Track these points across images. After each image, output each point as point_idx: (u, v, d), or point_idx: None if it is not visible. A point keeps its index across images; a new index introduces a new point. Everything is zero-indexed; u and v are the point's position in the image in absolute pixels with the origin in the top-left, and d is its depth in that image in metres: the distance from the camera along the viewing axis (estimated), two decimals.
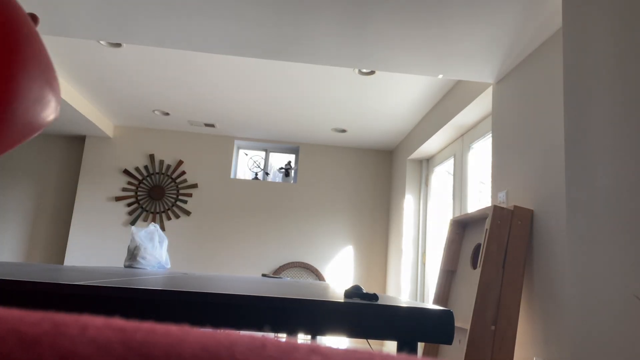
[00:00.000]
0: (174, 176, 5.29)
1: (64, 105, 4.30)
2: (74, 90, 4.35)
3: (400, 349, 0.77)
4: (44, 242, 5.34)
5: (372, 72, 3.54)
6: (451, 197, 3.93)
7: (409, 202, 4.74)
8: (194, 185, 5.28)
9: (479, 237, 2.62)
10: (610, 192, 1.38)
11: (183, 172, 5.29)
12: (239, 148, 5.62)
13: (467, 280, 2.62)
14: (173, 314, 0.73)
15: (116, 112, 4.90)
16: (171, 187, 5.27)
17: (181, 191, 5.28)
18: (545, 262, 2.22)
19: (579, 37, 1.62)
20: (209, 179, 5.32)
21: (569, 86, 1.64)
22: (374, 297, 0.85)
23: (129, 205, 5.18)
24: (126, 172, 5.23)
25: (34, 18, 0.72)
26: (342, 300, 0.78)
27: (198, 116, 4.83)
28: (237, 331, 0.29)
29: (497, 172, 2.81)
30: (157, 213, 5.20)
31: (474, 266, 2.59)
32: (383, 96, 3.96)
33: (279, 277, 2.50)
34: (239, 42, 2.66)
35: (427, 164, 4.75)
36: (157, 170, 5.29)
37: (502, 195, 2.71)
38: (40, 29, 2.52)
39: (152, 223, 2.42)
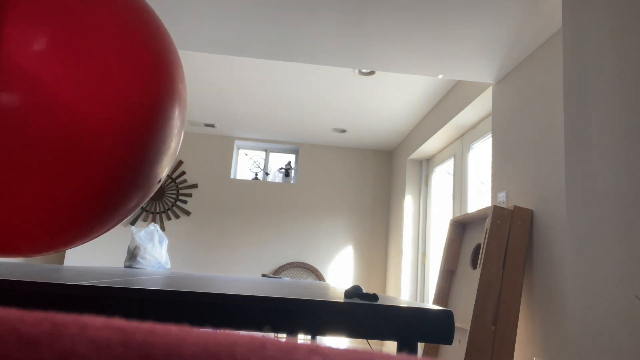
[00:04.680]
0: (173, 176, 5.29)
1: None
2: None
3: (400, 349, 0.77)
4: None
5: (372, 72, 3.54)
6: (451, 197, 3.92)
7: (409, 202, 4.74)
8: (194, 186, 5.27)
9: (479, 237, 2.62)
10: (610, 192, 1.38)
11: (183, 172, 5.29)
12: (239, 148, 5.62)
13: (467, 280, 2.62)
14: (173, 314, 0.73)
15: None
16: (171, 187, 5.27)
17: (181, 191, 5.28)
18: (545, 262, 2.22)
19: (579, 37, 1.62)
20: (209, 179, 5.32)
21: (569, 86, 1.64)
22: (374, 297, 0.85)
23: None
24: None
25: None
26: (342, 300, 0.78)
27: (198, 116, 4.83)
28: (237, 331, 0.29)
29: (497, 172, 2.81)
30: (157, 213, 5.20)
31: (474, 266, 2.59)
32: (383, 96, 3.96)
33: (279, 277, 2.50)
34: (239, 42, 2.66)
35: (427, 164, 4.75)
36: None
37: (502, 196, 2.71)
38: None
39: (152, 223, 2.42)
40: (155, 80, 0.58)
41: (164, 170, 0.66)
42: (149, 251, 2.19)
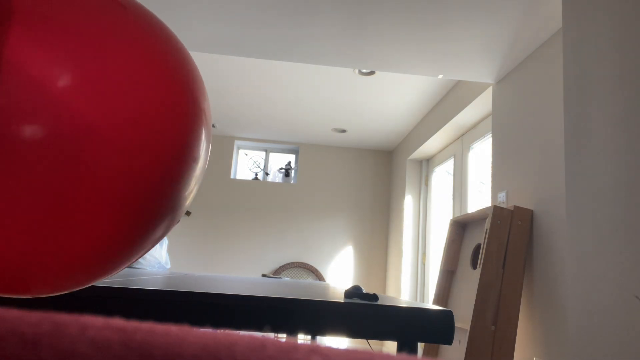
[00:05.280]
0: None
1: None
2: None
3: (400, 349, 0.77)
4: None
5: (372, 72, 3.54)
6: (451, 197, 3.92)
7: (409, 202, 4.74)
8: None
9: (479, 237, 2.62)
10: (610, 192, 1.38)
11: None
12: (239, 148, 5.62)
13: (467, 280, 2.62)
14: (173, 314, 0.73)
15: None
16: None
17: None
18: (545, 262, 2.22)
19: (579, 37, 1.62)
20: (209, 179, 5.32)
21: (568, 86, 1.64)
22: (374, 297, 0.85)
23: None
24: None
25: None
26: (342, 301, 0.78)
27: None
28: (237, 331, 0.29)
29: (497, 172, 2.81)
30: None
31: (474, 266, 2.59)
32: (383, 96, 3.96)
33: (279, 277, 2.50)
34: (239, 42, 2.66)
35: (427, 164, 4.75)
36: None
37: (502, 196, 2.71)
38: None
39: None
40: (184, 109, 0.56)
41: (190, 195, 0.64)
42: (149, 251, 2.19)
